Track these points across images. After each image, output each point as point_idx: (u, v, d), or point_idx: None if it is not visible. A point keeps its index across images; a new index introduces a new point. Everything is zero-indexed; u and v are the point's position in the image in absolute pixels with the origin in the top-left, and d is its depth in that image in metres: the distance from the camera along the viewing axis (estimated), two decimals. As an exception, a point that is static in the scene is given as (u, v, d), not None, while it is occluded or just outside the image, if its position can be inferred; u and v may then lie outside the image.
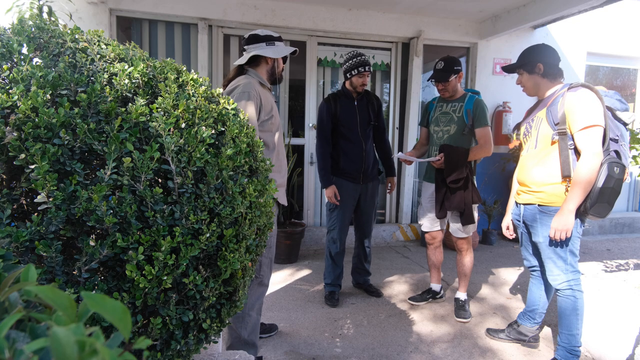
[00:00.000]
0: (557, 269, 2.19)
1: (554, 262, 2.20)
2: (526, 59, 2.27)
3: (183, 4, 4.11)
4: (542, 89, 2.27)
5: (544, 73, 2.23)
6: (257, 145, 1.30)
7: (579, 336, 2.21)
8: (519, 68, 2.30)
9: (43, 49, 1.05)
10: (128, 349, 0.38)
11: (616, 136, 2.08)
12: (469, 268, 2.99)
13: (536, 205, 2.21)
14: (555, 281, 2.22)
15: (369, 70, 3.03)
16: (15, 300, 0.45)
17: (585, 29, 5.41)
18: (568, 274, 2.17)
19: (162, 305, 1.00)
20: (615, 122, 2.11)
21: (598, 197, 2.00)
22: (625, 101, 2.17)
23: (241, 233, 1.14)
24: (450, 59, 2.86)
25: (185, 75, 1.21)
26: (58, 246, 0.88)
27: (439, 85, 2.88)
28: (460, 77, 2.89)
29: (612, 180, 1.98)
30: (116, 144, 0.92)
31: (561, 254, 2.17)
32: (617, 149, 2.06)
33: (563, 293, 2.22)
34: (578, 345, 2.21)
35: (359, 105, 3.13)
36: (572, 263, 2.17)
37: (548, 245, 2.19)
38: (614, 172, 1.99)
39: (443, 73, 2.83)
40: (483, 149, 2.79)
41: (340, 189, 3.11)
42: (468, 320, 2.89)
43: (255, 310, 2.13)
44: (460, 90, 2.93)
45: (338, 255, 3.17)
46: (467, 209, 2.81)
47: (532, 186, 2.23)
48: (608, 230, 5.70)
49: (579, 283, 2.19)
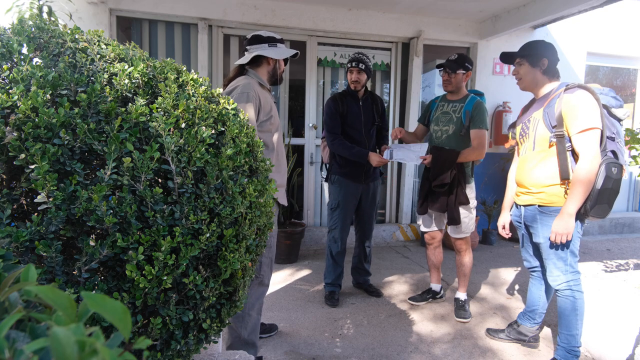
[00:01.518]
0: (557, 269, 2.19)
1: (554, 263, 2.19)
2: (531, 51, 2.21)
3: (183, 4, 4.11)
4: (539, 86, 2.24)
5: (545, 70, 2.20)
6: (257, 145, 1.30)
7: (579, 336, 2.22)
8: (521, 57, 2.24)
9: (43, 49, 1.05)
10: (128, 349, 0.38)
11: (613, 134, 2.08)
12: (468, 268, 2.99)
13: (536, 206, 2.21)
14: (555, 282, 2.22)
15: (356, 66, 3.02)
16: (15, 300, 0.45)
17: (585, 29, 5.41)
18: (568, 274, 2.17)
19: (162, 305, 1.00)
20: (611, 119, 2.11)
21: (597, 199, 2.00)
22: (620, 98, 2.17)
23: (241, 233, 1.14)
24: (465, 55, 2.87)
25: (185, 75, 1.21)
26: (58, 246, 0.88)
27: (445, 75, 2.87)
28: (468, 76, 2.88)
29: (611, 181, 1.98)
30: (116, 144, 0.92)
31: (561, 254, 2.17)
32: (614, 148, 2.06)
33: (563, 293, 2.22)
34: (578, 346, 2.22)
35: (364, 105, 3.14)
36: (572, 264, 2.17)
37: (549, 246, 2.19)
38: (612, 173, 1.99)
39: (453, 63, 2.82)
40: (475, 152, 2.77)
41: (342, 189, 3.12)
42: (468, 320, 2.89)
43: (256, 310, 2.13)
44: (464, 91, 2.93)
45: (339, 254, 3.17)
46: (449, 211, 2.81)
47: (531, 188, 2.23)
48: (608, 230, 5.70)
49: (578, 283, 2.19)
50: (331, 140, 3.07)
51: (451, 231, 2.93)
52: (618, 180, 2.00)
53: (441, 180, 2.75)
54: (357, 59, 3.03)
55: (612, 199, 2.02)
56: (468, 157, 2.79)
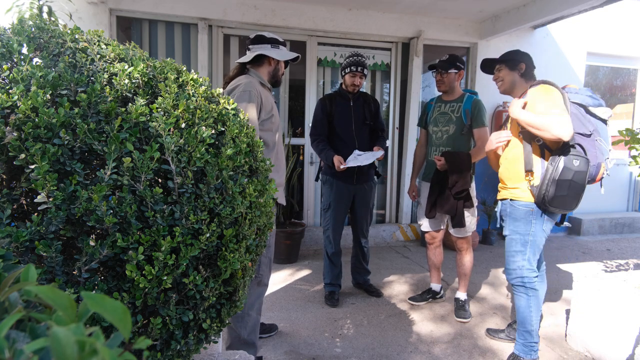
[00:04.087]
0: (514, 263, 2.24)
1: (513, 256, 2.25)
2: (510, 57, 2.37)
3: (183, 4, 4.11)
4: (517, 88, 2.34)
5: (523, 73, 2.32)
6: (257, 145, 1.30)
7: (535, 332, 2.27)
8: (500, 63, 2.38)
9: (43, 49, 1.05)
10: (128, 349, 0.38)
11: (589, 131, 2.11)
12: (468, 268, 2.99)
13: (509, 200, 2.28)
14: (510, 275, 2.28)
15: (360, 72, 3.01)
16: (15, 300, 0.45)
17: (585, 29, 5.41)
18: (523, 270, 2.22)
19: (162, 305, 1.00)
20: (587, 117, 2.15)
21: (556, 190, 2.02)
22: (598, 97, 2.21)
23: (241, 233, 1.14)
24: (456, 55, 2.91)
25: (185, 75, 1.21)
26: (58, 246, 0.88)
27: (437, 76, 2.89)
28: (460, 75, 2.90)
29: (571, 173, 2.01)
30: (116, 144, 0.92)
31: (521, 248, 2.21)
32: (581, 142, 2.09)
33: (517, 290, 2.28)
34: (535, 341, 2.28)
35: (355, 105, 3.13)
36: (530, 260, 2.21)
37: (510, 238, 2.25)
38: (573, 165, 2.01)
39: (445, 63, 2.86)
40: (482, 150, 2.79)
41: (333, 189, 3.12)
42: (468, 320, 2.89)
43: (255, 310, 2.13)
44: (459, 90, 2.94)
45: (334, 255, 3.18)
46: (458, 215, 2.80)
47: (507, 183, 2.30)
48: (608, 230, 5.70)
49: (532, 281, 2.23)
50: (311, 142, 3.14)
51: (453, 230, 2.94)
52: (580, 172, 2.01)
53: (461, 187, 2.73)
54: (359, 63, 3.01)
55: (576, 191, 2.04)
56: (477, 157, 2.82)
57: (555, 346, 2.58)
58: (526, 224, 2.19)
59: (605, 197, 5.93)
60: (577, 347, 2.53)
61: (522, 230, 2.20)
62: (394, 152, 5.04)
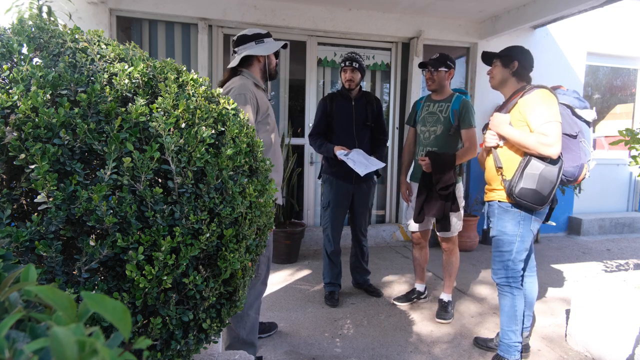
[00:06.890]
0: (500, 263, 2.25)
1: (499, 256, 2.25)
2: (505, 52, 2.35)
3: (183, 4, 4.11)
4: (507, 86, 2.32)
5: (515, 72, 2.29)
6: (257, 145, 1.30)
7: (518, 332, 2.27)
8: (496, 58, 2.37)
9: (43, 49, 1.05)
10: (128, 349, 0.38)
11: (575, 132, 2.15)
12: (455, 268, 2.98)
13: (497, 201, 2.28)
14: (495, 275, 2.29)
15: (351, 66, 3.05)
16: (15, 300, 0.45)
17: (585, 29, 5.41)
18: (508, 270, 2.23)
19: (162, 305, 1.00)
20: (573, 118, 2.18)
21: (523, 182, 2.05)
22: (585, 99, 2.23)
23: (241, 233, 1.14)
24: (447, 55, 2.91)
25: (185, 75, 1.21)
26: (58, 246, 0.88)
27: (427, 74, 2.89)
28: (450, 74, 2.90)
29: (540, 167, 2.03)
30: (116, 144, 0.92)
31: (507, 248, 2.22)
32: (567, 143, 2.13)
33: (502, 289, 2.29)
34: (518, 341, 2.27)
35: (356, 105, 3.14)
36: (516, 261, 2.22)
37: (497, 238, 2.26)
38: (544, 160, 2.04)
39: (435, 61, 2.86)
40: (469, 151, 2.79)
41: (333, 188, 3.13)
42: (449, 322, 2.87)
43: (254, 309, 2.13)
44: (448, 90, 2.93)
45: (334, 254, 3.18)
46: (444, 220, 2.80)
47: (492, 184, 2.31)
48: (608, 230, 5.70)
49: (518, 281, 2.24)
50: (310, 140, 3.18)
51: (439, 232, 2.93)
52: (550, 168, 2.03)
53: (445, 183, 2.73)
54: (350, 58, 3.07)
55: (543, 186, 2.04)
56: (463, 158, 2.80)
57: (555, 346, 2.58)
58: (513, 224, 2.19)
59: (605, 197, 5.93)
60: (577, 347, 2.53)
61: (509, 230, 2.20)
62: (394, 152, 5.04)
